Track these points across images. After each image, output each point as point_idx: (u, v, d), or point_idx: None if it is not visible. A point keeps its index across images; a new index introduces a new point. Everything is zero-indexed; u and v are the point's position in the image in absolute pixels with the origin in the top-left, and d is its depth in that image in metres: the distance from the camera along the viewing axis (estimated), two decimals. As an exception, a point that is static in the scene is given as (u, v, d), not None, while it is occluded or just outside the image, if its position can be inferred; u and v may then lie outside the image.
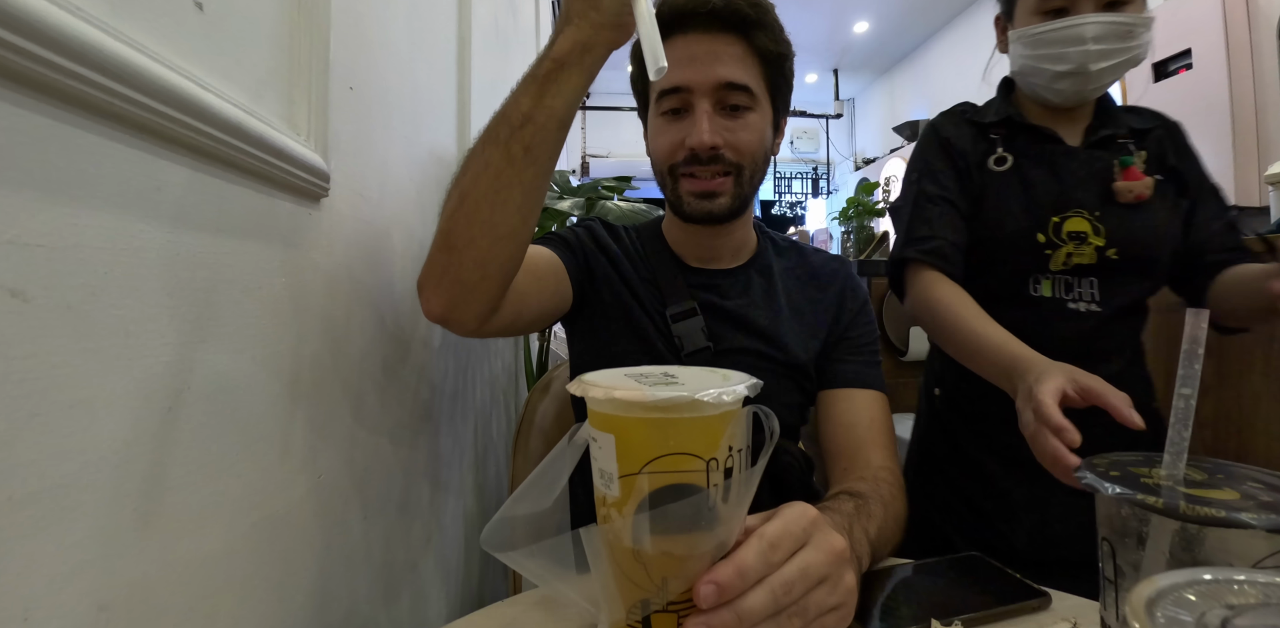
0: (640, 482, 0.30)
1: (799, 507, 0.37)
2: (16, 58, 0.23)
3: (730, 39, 0.65)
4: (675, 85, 0.66)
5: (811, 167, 7.33)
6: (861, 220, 2.42)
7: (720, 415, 0.30)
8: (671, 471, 0.30)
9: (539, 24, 2.38)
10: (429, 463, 0.82)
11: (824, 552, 0.36)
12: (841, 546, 0.37)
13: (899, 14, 5.17)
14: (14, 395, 0.24)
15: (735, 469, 0.31)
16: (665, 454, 0.29)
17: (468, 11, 1.04)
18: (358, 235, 0.59)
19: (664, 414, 0.29)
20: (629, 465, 0.30)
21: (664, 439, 0.30)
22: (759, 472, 0.32)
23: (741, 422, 0.31)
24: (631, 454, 0.30)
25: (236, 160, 0.38)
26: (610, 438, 0.30)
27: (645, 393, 0.29)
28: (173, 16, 0.34)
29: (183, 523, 0.34)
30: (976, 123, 0.89)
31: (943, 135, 0.89)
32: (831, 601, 0.36)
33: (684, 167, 0.67)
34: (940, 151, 0.88)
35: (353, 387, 0.58)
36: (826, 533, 0.37)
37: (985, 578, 0.52)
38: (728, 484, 0.30)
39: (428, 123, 0.84)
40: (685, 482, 0.29)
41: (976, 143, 0.88)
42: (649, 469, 0.30)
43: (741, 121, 0.67)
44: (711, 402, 0.29)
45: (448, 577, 0.90)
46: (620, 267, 0.74)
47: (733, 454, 0.30)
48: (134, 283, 0.30)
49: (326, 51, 0.49)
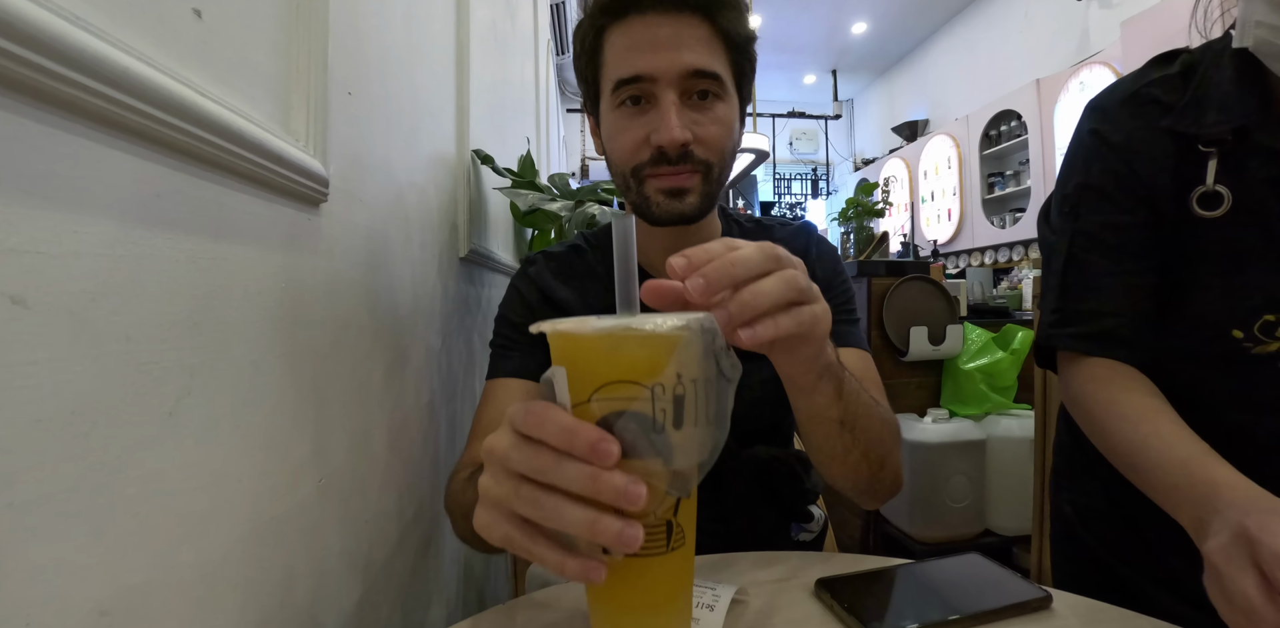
0: (591, 410, 0.30)
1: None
2: (16, 66, 0.23)
3: (694, 20, 0.58)
4: (636, 73, 0.58)
5: (811, 168, 7.34)
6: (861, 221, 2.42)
7: (660, 341, 0.30)
8: (617, 397, 0.30)
9: (536, 28, 2.39)
10: (430, 466, 0.82)
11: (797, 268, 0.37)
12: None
13: (897, 15, 5.18)
14: (15, 401, 0.24)
15: (688, 398, 0.30)
16: (610, 382, 0.30)
17: (466, 16, 1.04)
18: (357, 240, 0.59)
19: (605, 343, 0.30)
20: (579, 394, 0.31)
21: (608, 367, 0.30)
22: (719, 397, 0.32)
23: (689, 350, 0.30)
24: (580, 383, 0.31)
25: (236, 166, 0.38)
26: (562, 370, 0.31)
27: (588, 324, 0.30)
28: (171, 24, 0.34)
29: (184, 528, 0.34)
30: (1179, 132, 0.56)
31: (1113, 140, 0.59)
32: (796, 281, 0.36)
33: (650, 168, 0.60)
34: (1112, 167, 0.59)
35: (353, 390, 0.58)
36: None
37: (985, 578, 0.52)
38: (679, 412, 0.30)
39: (426, 127, 0.84)
40: (630, 409, 0.30)
41: (1175, 163, 0.57)
42: (597, 396, 0.30)
43: (710, 113, 0.60)
44: (650, 329, 0.30)
45: (448, 581, 0.90)
46: (572, 310, 0.69)
47: (683, 383, 0.30)
48: (134, 289, 0.31)
49: (325, 57, 0.49)
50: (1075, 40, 3.82)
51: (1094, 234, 0.60)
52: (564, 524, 0.30)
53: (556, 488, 0.30)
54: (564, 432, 0.29)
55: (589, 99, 0.66)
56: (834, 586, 0.49)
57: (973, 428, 1.79)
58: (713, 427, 0.32)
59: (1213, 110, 0.55)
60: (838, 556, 0.58)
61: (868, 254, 2.31)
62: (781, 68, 6.16)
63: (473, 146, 1.07)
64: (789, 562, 0.56)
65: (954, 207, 4.65)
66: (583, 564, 0.30)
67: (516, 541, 0.31)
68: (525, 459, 0.30)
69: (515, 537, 0.31)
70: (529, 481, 0.30)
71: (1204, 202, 0.55)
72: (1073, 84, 3.51)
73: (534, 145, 2.02)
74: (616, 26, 0.60)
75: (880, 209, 2.45)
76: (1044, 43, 4.10)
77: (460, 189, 1.01)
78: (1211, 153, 0.55)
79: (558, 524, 0.30)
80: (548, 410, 0.30)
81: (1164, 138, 0.57)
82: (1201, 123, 0.55)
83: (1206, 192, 0.55)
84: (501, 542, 0.32)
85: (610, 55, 0.61)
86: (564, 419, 0.29)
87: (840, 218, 2.48)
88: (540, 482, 0.30)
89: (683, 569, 0.35)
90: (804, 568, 0.53)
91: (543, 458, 0.30)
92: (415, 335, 0.77)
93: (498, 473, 0.32)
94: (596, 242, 0.74)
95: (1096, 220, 0.60)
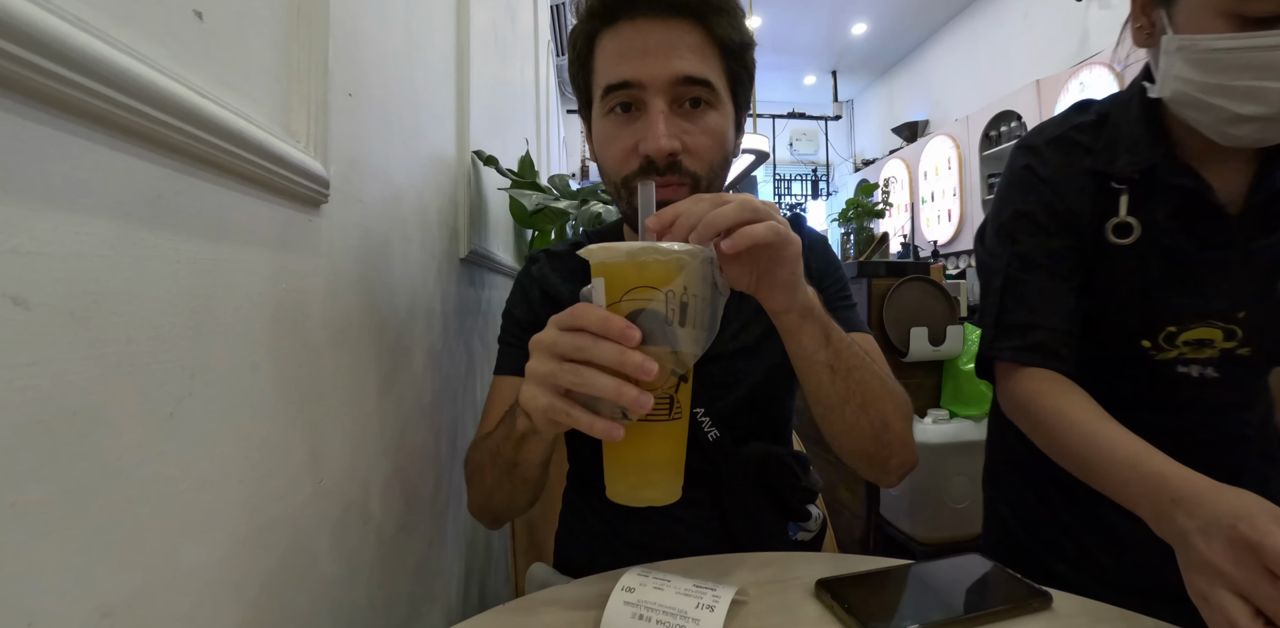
0: (621, 308, 0.41)
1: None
2: (17, 68, 0.24)
3: (687, 26, 0.57)
4: (625, 79, 0.57)
5: (811, 168, 7.33)
6: (861, 221, 2.42)
7: (672, 261, 0.41)
8: (640, 298, 0.41)
9: (536, 29, 2.39)
10: (429, 467, 0.82)
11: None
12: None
13: (897, 15, 5.18)
14: (16, 402, 0.24)
15: (690, 306, 0.41)
16: (635, 287, 0.41)
17: (466, 17, 1.05)
18: (358, 241, 0.59)
19: (631, 258, 0.41)
20: (613, 296, 0.42)
21: (635, 276, 0.41)
22: (712, 309, 0.43)
23: (692, 270, 0.41)
24: (613, 288, 0.42)
25: (236, 167, 0.38)
26: (601, 280, 0.42)
27: (621, 248, 0.41)
28: (172, 26, 0.34)
29: (185, 529, 0.34)
30: (1097, 170, 0.65)
31: (1043, 174, 0.66)
32: (767, 209, 0.44)
33: (640, 177, 0.59)
34: (1043, 198, 0.66)
35: (353, 391, 0.58)
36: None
37: (985, 578, 0.52)
38: (684, 314, 0.41)
39: (427, 128, 0.85)
40: (649, 307, 0.41)
41: (1093, 197, 0.65)
42: (626, 298, 0.41)
43: (700, 122, 0.59)
44: (663, 248, 0.41)
45: (449, 581, 0.90)
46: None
47: (688, 295, 0.41)
48: (135, 290, 0.31)
49: (325, 58, 0.50)
50: (1075, 41, 3.81)
51: (1028, 256, 0.67)
52: (596, 389, 0.39)
53: (591, 363, 0.39)
54: (601, 320, 0.39)
55: (583, 105, 0.66)
56: (834, 586, 0.49)
57: (973, 428, 1.79)
58: (705, 330, 0.42)
59: (1124, 152, 0.64)
60: (838, 556, 0.58)
61: (868, 255, 2.31)
62: (781, 69, 6.16)
63: (473, 148, 1.07)
64: (789, 562, 0.56)
65: (954, 207, 4.64)
66: (606, 424, 0.40)
67: (557, 406, 0.41)
68: (568, 341, 0.40)
69: (556, 403, 0.41)
70: (569, 360, 0.40)
71: (1118, 231, 0.65)
72: (1073, 84, 3.51)
73: (534, 146, 2.02)
74: (608, 32, 0.59)
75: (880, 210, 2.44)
76: (1044, 43, 4.10)
77: (460, 190, 1.01)
78: (1123, 189, 0.64)
79: (591, 389, 0.39)
80: (588, 308, 0.41)
81: (1085, 175, 0.65)
82: (1114, 163, 0.64)
83: (1119, 222, 0.64)
84: (545, 409, 0.41)
85: (601, 61, 0.60)
86: (601, 312, 0.40)
87: (840, 219, 2.48)
88: (578, 359, 0.40)
89: (679, 436, 0.46)
90: (804, 569, 0.53)
91: (583, 339, 0.40)
92: (415, 336, 0.77)
93: (542, 356, 0.42)
94: (597, 239, 0.75)
95: (1030, 244, 0.67)
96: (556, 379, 0.41)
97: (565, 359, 0.40)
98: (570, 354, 0.40)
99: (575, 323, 0.41)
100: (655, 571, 0.49)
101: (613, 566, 0.53)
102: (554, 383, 0.41)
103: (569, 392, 0.42)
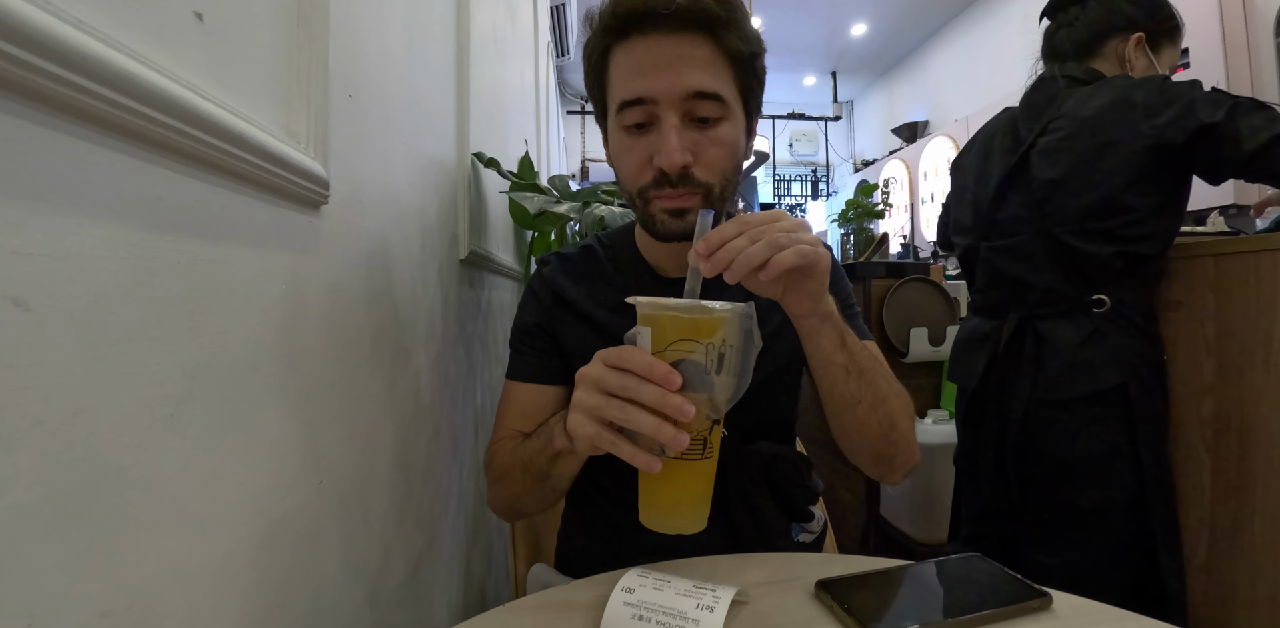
0: (665, 356, 0.45)
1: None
2: (17, 69, 0.24)
3: (697, 40, 0.58)
4: (638, 96, 0.59)
5: (810, 169, 7.33)
6: (861, 222, 2.42)
7: (714, 318, 0.45)
8: (683, 350, 0.45)
9: (537, 30, 2.39)
10: (430, 468, 0.82)
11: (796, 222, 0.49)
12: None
13: (897, 16, 5.18)
14: (17, 403, 0.24)
15: (727, 356, 0.45)
16: (680, 340, 0.45)
17: (466, 18, 1.05)
18: (358, 242, 0.59)
19: (679, 314, 0.45)
20: (658, 346, 0.45)
21: (679, 329, 0.45)
22: (746, 359, 0.47)
23: (732, 325, 0.45)
24: (660, 339, 0.45)
25: (237, 169, 0.38)
26: (648, 330, 0.46)
27: (670, 302, 0.45)
28: (173, 27, 0.34)
29: (185, 529, 0.34)
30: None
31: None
32: (796, 232, 0.48)
33: (654, 189, 0.61)
34: None
35: (354, 392, 0.58)
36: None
37: (986, 579, 0.52)
38: (721, 364, 0.45)
39: (427, 129, 0.85)
40: (690, 358, 0.45)
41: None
42: (670, 348, 0.45)
43: (711, 134, 0.60)
44: (708, 307, 0.44)
45: (449, 582, 0.90)
46: (583, 309, 0.72)
47: (726, 347, 0.45)
48: (135, 291, 0.31)
49: (325, 59, 0.50)
50: (1075, 41, 3.81)
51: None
52: (638, 425, 0.44)
53: (635, 401, 0.44)
54: (647, 365, 0.44)
55: (599, 115, 0.68)
56: (834, 587, 0.49)
57: (973, 429, 1.78)
58: (739, 377, 0.47)
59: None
60: (838, 557, 0.58)
61: (867, 255, 2.31)
62: (781, 69, 6.16)
63: (473, 148, 1.07)
64: (789, 563, 0.56)
65: (954, 208, 4.64)
66: (647, 457, 0.45)
67: (604, 436, 0.46)
68: (616, 379, 0.45)
69: (604, 433, 0.46)
70: (615, 396, 0.45)
71: None
72: (1072, 85, 3.50)
73: (534, 147, 2.03)
74: (621, 47, 0.60)
75: (880, 210, 2.44)
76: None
77: (460, 191, 1.01)
78: None
79: (633, 425, 0.44)
80: (635, 351, 0.45)
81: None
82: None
83: None
84: (593, 437, 0.46)
85: (615, 76, 0.62)
86: (647, 356, 0.44)
87: (840, 219, 2.48)
88: (623, 397, 0.44)
89: (709, 474, 0.49)
90: (804, 569, 0.53)
91: (629, 380, 0.44)
92: (416, 337, 0.77)
93: (590, 390, 0.46)
94: (610, 242, 0.77)
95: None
96: (602, 412, 0.45)
97: (610, 395, 0.45)
98: (615, 391, 0.45)
99: (623, 364, 0.45)
100: (655, 571, 0.49)
101: (614, 566, 0.53)
102: (599, 415, 0.46)
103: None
